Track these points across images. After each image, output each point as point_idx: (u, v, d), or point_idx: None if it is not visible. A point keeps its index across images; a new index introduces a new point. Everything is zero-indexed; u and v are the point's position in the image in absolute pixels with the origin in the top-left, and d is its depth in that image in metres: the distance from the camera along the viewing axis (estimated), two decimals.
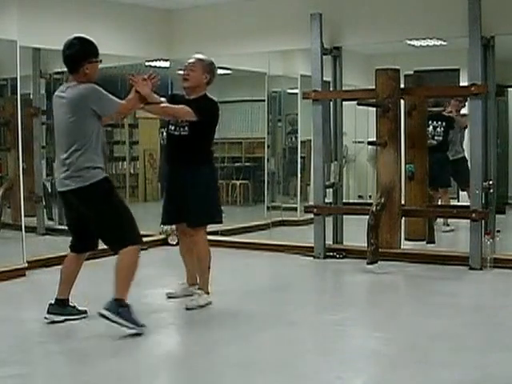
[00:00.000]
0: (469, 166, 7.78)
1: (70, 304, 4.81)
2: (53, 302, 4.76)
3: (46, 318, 4.73)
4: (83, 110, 4.41)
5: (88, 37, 4.54)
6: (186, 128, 5.05)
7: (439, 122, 8.33)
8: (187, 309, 5.05)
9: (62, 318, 4.73)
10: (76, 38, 4.50)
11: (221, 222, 5.34)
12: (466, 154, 8.16)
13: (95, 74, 4.52)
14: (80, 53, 4.44)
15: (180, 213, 5.18)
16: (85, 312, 4.85)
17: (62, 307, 4.75)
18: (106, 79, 4.81)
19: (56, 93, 4.59)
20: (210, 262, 5.21)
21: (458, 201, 8.86)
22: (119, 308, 4.41)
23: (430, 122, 8.24)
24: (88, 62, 4.45)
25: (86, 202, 4.51)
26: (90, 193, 4.48)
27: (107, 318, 4.40)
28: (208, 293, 5.19)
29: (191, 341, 4.59)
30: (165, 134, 5.35)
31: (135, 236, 4.59)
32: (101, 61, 4.56)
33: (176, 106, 5.02)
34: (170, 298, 5.39)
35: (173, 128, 5.15)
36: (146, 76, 4.64)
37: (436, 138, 8.30)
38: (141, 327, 4.46)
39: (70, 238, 4.81)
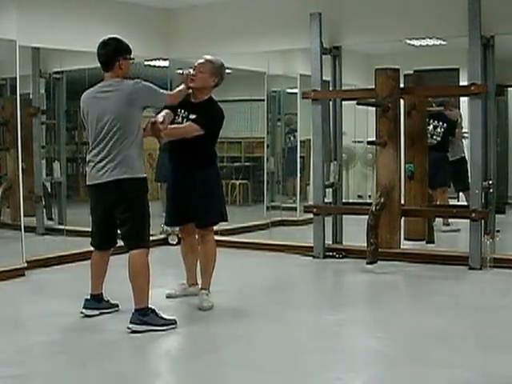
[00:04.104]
0: (468, 167, 7.81)
1: (104, 298, 4.92)
2: (88, 297, 4.86)
3: (81, 312, 4.83)
4: (134, 104, 4.53)
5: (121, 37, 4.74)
6: None
7: (440, 123, 8.32)
8: (203, 309, 5.07)
9: (98, 312, 4.86)
10: (110, 38, 4.69)
11: (227, 220, 5.36)
12: (466, 155, 8.16)
13: (128, 72, 4.69)
14: (115, 49, 4.64)
15: (186, 214, 5.18)
16: (117, 305, 4.96)
17: (96, 302, 4.87)
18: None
19: (91, 90, 4.69)
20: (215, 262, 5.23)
21: (458, 200, 8.86)
22: (143, 317, 4.50)
23: (432, 121, 8.24)
24: (123, 57, 4.64)
25: (126, 193, 4.56)
26: (133, 185, 4.57)
27: (136, 331, 4.47)
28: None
29: (191, 341, 4.59)
30: None
31: (148, 240, 4.71)
32: (133, 59, 4.73)
33: (183, 126, 5.01)
34: (169, 297, 5.39)
35: None
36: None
37: (435, 137, 8.29)
38: (173, 324, 4.59)
39: (92, 237, 4.87)
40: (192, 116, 5.01)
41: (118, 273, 4.79)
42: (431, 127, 8.23)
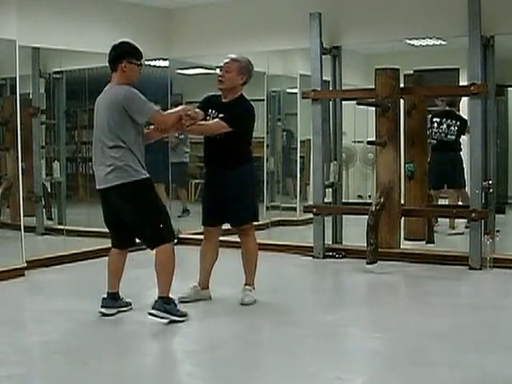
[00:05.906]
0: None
1: (120, 297, 4.94)
2: (105, 296, 4.88)
3: (100, 311, 4.84)
4: (120, 111, 4.53)
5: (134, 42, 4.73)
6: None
7: (453, 121, 8.30)
8: (244, 304, 5.14)
9: (115, 310, 4.87)
10: (122, 42, 4.71)
11: (258, 220, 5.45)
12: (464, 154, 8.17)
13: (134, 77, 4.68)
14: (121, 52, 4.65)
15: (222, 214, 5.19)
16: (130, 304, 4.99)
17: (113, 300, 4.89)
18: (105, 78, 4.81)
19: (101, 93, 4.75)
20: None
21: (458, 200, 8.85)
22: (165, 305, 4.62)
23: (444, 120, 8.23)
24: (127, 61, 4.61)
25: (125, 198, 4.61)
26: (133, 189, 4.59)
27: (156, 316, 4.59)
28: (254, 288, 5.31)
29: (189, 341, 4.59)
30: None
31: (169, 234, 4.74)
32: (141, 65, 4.71)
33: (209, 123, 5.03)
34: (182, 302, 5.10)
35: None
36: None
37: (449, 136, 8.27)
38: (186, 316, 4.71)
39: (110, 236, 4.92)
40: (221, 115, 5.03)
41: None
42: (445, 126, 8.23)
